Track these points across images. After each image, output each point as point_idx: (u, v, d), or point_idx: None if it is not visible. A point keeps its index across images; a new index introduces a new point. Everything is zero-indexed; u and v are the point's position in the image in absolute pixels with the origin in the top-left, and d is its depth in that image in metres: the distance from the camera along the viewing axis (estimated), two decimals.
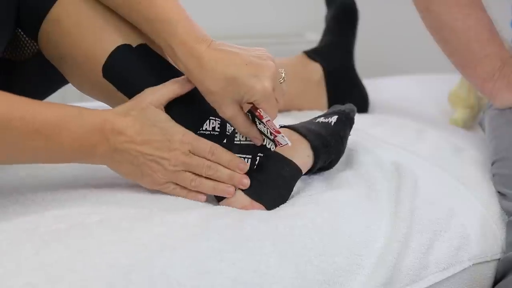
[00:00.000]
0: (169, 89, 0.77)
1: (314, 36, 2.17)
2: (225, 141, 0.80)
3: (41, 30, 0.80)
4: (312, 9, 2.05)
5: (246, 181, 0.78)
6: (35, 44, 0.88)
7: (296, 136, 0.85)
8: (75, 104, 0.77)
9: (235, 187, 0.78)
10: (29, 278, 0.59)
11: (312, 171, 0.87)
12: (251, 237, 0.71)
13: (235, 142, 0.80)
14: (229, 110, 0.74)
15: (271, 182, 0.80)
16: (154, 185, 0.76)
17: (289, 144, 0.77)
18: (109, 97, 0.82)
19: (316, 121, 0.90)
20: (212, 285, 0.65)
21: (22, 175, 0.82)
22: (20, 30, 0.86)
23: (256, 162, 0.80)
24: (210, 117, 0.79)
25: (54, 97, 0.98)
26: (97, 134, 0.71)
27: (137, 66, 0.79)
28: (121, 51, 0.79)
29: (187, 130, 0.76)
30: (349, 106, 0.94)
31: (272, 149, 0.80)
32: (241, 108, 0.76)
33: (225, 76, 0.72)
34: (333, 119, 0.89)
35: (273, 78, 0.73)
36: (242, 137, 0.80)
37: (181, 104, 0.78)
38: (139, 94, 0.76)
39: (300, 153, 0.84)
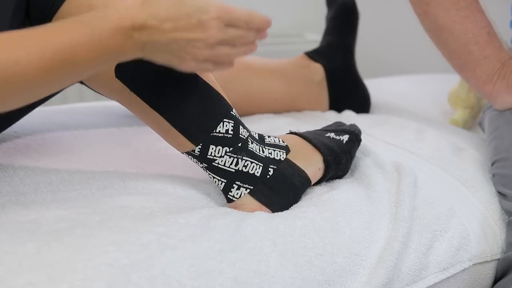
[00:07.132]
0: None
1: (314, 36, 2.17)
2: (239, 144, 0.78)
3: None
4: (312, 9, 2.05)
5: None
6: None
7: (309, 147, 0.86)
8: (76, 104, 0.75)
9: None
10: (30, 277, 0.60)
11: (319, 183, 0.88)
12: (251, 237, 0.71)
13: (248, 148, 0.79)
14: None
15: (282, 190, 0.80)
16: (193, 68, 0.70)
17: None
18: (121, 97, 0.79)
19: (327, 135, 0.90)
20: (212, 285, 0.65)
21: (22, 174, 0.82)
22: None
23: (270, 173, 0.79)
24: (224, 119, 0.78)
25: (54, 97, 0.98)
26: (118, 37, 0.65)
27: (151, 67, 0.75)
28: None
29: (220, 3, 0.70)
30: (356, 127, 0.94)
31: (282, 160, 0.81)
32: None
33: None
34: (345, 137, 0.91)
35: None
36: (257, 145, 0.80)
37: (196, 106, 0.77)
38: None
39: (313, 165, 0.85)
